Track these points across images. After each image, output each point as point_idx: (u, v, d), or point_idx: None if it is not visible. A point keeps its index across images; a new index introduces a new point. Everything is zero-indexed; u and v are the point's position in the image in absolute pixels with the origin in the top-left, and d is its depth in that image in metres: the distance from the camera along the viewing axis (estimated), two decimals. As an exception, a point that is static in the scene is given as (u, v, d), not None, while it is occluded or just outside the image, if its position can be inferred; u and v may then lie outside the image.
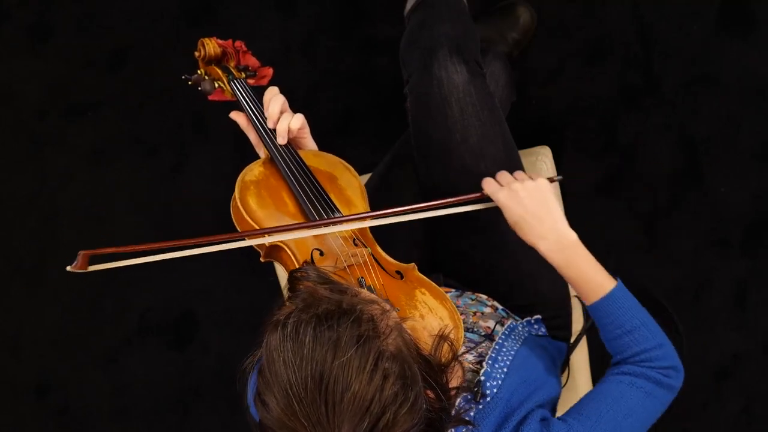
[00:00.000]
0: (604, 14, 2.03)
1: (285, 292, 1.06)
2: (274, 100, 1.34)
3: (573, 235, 1.28)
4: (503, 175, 1.34)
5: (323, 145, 1.44)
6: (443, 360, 1.04)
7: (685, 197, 1.98)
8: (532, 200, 1.28)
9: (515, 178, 1.32)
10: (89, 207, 2.27)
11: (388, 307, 0.98)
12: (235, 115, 1.39)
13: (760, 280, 1.96)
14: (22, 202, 2.30)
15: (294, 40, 2.18)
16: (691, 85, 1.99)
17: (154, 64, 2.24)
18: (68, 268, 1.15)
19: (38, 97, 2.31)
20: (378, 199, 1.57)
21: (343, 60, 2.16)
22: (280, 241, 1.25)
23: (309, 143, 1.40)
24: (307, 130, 1.39)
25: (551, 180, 1.33)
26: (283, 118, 1.34)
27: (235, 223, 1.30)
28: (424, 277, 1.26)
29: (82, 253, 1.14)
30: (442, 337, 1.06)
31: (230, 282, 2.17)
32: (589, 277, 1.27)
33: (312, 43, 2.18)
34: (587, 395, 1.24)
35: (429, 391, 0.99)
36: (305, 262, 1.18)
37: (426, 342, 1.09)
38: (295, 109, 1.38)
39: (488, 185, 1.33)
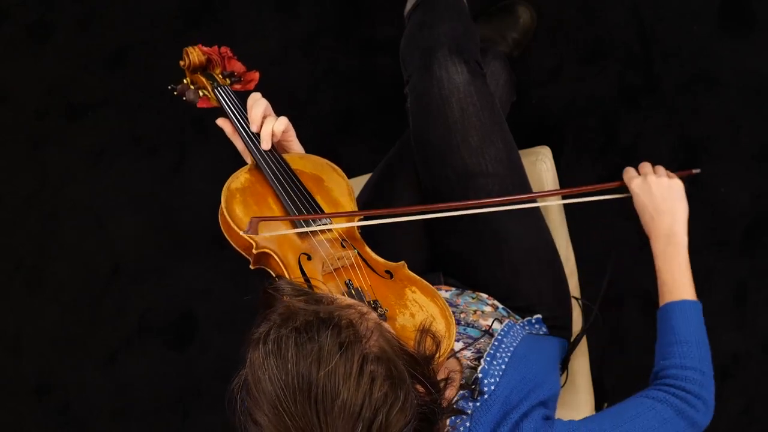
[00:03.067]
0: (604, 14, 2.03)
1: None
2: (257, 104, 1.34)
3: (684, 239, 1.36)
4: (644, 166, 1.43)
5: (323, 146, 1.44)
6: (428, 352, 1.04)
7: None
8: (660, 195, 1.38)
9: (654, 172, 1.41)
10: (89, 207, 2.27)
11: (365, 309, 0.98)
12: (222, 122, 1.39)
13: (760, 280, 1.95)
14: (22, 202, 2.30)
15: (294, 40, 2.19)
16: (691, 85, 1.99)
17: (154, 64, 2.24)
18: (241, 233, 1.23)
19: (38, 97, 2.31)
20: (377, 199, 1.57)
21: (343, 60, 2.16)
22: (267, 248, 1.25)
23: (295, 146, 1.40)
24: (293, 133, 1.38)
25: (690, 173, 1.43)
26: (267, 122, 1.33)
27: (224, 232, 1.30)
28: (415, 275, 1.26)
29: (253, 218, 1.20)
30: (423, 331, 1.06)
31: (230, 282, 2.17)
32: (676, 278, 1.33)
33: (312, 43, 2.18)
34: (609, 409, 1.23)
35: (418, 386, 0.99)
36: (277, 276, 1.18)
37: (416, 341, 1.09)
38: (284, 111, 1.37)
39: (627, 172, 1.44)
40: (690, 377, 1.24)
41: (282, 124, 1.34)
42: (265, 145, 1.33)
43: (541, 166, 1.69)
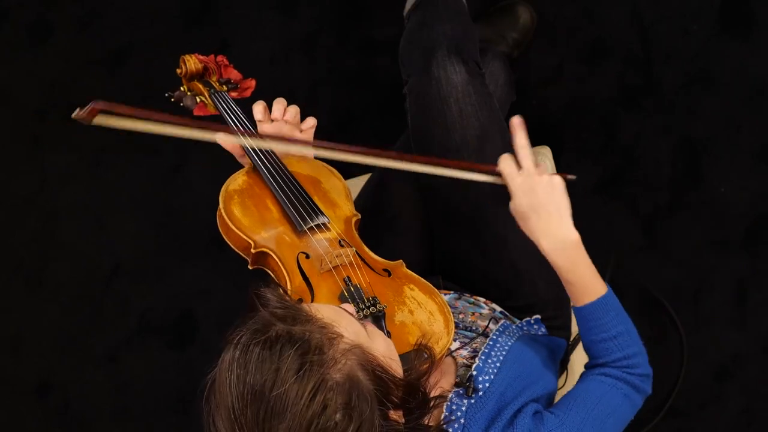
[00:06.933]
0: (604, 14, 2.03)
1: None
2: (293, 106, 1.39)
3: (576, 236, 1.27)
4: (525, 159, 1.31)
5: (323, 146, 1.44)
6: (420, 370, 1.03)
7: (685, 197, 1.98)
8: (545, 195, 1.27)
9: (535, 167, 1.30)
10: (89, 207, 2.27)
11: (340, 332, 0.97)
12: (221, 139, 1.36)
13: (760, 280, 1.95)
14: (22, 202, 2.30)
15: (294, 40, 2.19)
16: (691, 85, 1.99)
17: (154, 64, 2.25)
18: (74, 114, 1.12)
19: (38, 97, 2.31)
20: (377, 199, 1.58)
21: (343, 60, 2.16)
22: (266, 248, 1.26)
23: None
24: (312, 131, 1.41)
25: (565, 178, 1.31)
26: (295, 110, 1.39)
27: (223, 234, 1.31)
28: (413, 273, 1.27)
29: (93, 103, 1.11)
30: (420, 347, 1.06)
31: (230, 282, 2.17)
32: (585, 279, 1.27)
33: (312, 43, 2.18)
34: (572, 392, 1.26)
35: (393, 412, 0.98)
36: (268, 282, 1.17)
37: (415, 336, 1.10)
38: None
39: (507, 166, 1.31)
40: (633, 363, 1.27)
41: (311, 120, 1.41)
42: (289, 115, 1.38)
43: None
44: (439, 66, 1.44)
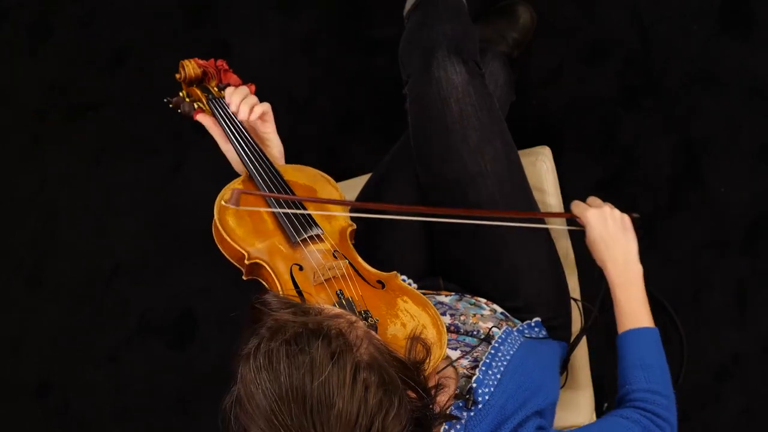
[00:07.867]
0: (604, 14, 2.03)
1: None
2: (239, 90, 1.35)
3: (640, 268, 1.40)
4: (594, 200, 1.46)
5: (322, 145, 1.44)
6: (418, 358, 1.04)
7: (685, 197, 1.98)
8: (615, 225, 1.41)
9: (604, 205, 1.44)
10: (89, 207, 2.27)
11: (353, 318, 0.98)
12: (201, 117, 1.38)
13: (760, 280, 1.95)
14: (22, 202, 2.30)
15: (294, 40, 2.19)
16: (692, 85, 1.99)
17: (154, 64, 2.25)
18: (223, 202, 1.26)
19: (38, 97, 2.31)
20: (377, 199, 1.57)
21: (343, 60, 2.16)
22: (259, 259, 1.25)
23: (273, 138, 1.39)
24: (271, 120, 1.38)
25: (631, 217, 1.45)
26: (251, 99, 1.34)
27: (217, 244, 1.30)
28: (406, 285, 1.26)
29: (237, 189, 1.21)
30: (414, 339, 1.06)
31: (230, 281, 2.17)
32: (636, 306, 1.37)
33: (312, 43, 2.18)
34: (589, 425, 1.29)
35: (409, 392, 0.99)
36: (265, 292, 1.17)
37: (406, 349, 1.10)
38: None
39: (577, 206, 1.45)
40: (658, 401, 1.29)
41: (263, 106, 1.35)
42: (242, 115, 1.33)
43: (541, 166, 1.69)
44: (439, 66, 1.44)
